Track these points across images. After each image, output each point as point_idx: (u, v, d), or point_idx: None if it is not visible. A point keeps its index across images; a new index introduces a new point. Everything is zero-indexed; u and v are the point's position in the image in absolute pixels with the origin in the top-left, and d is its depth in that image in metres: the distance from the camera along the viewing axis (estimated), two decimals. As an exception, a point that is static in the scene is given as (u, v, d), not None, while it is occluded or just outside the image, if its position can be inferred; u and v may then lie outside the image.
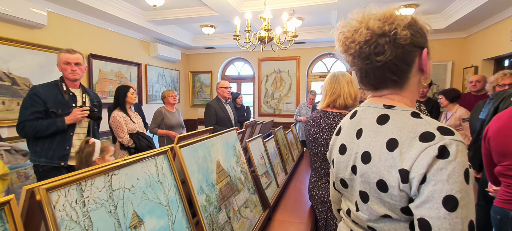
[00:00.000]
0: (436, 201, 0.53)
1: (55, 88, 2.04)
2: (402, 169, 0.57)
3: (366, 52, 0.63)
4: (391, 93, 0.69)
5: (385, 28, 0.62)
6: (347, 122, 0.78)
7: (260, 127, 2.95)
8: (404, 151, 0.58)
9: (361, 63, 0.65)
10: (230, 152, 1.34)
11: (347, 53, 0.68)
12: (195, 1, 3.57)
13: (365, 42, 0.63)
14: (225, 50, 6.10)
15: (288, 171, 2.28)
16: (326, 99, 1.47)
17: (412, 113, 0.63)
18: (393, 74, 0.65)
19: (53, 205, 0.50)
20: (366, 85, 0.71)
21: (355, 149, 0.70)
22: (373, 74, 0.66)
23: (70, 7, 3.38)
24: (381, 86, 0.69)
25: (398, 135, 0.60)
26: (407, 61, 0.64)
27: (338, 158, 0.76)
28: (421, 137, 0.57)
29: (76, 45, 3.56)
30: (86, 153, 1.65)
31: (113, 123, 2.63)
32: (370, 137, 0.66)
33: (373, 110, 0.69)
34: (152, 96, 5.23)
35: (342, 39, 0.68)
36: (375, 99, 0.72)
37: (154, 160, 0.78)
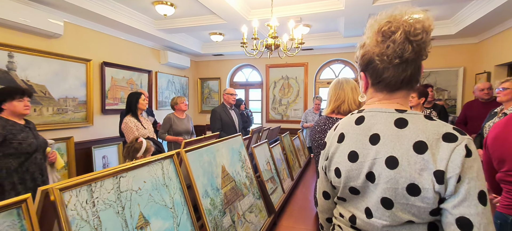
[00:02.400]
0: (473, 198, 0.56)
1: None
2: (437, 170, 0.58)
3: (425, 42, 0.64)
4: (403, 96, 0.70)
5: (430, 27, 0.65)
6: (353, 128, 0.74)
7: (267, 133, 2.97)
8: (434, 153, 0.59)
9: (415, 54, 0.64)
10: (235, 157, 1.36)
11: (406, 40, 0.63)
12: (204, 10, 3.66)
13: (427, 34, 0.64)
14: (233, 57, 6.19)
15: (295, 177, 2.28)
16: (330, 105, 1.48)
17: (425, 115, 0.65)
18: (419, 74, 0.68)
19: (66, 204, 0.54)
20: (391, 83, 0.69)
21: (372, 155, 0.67)
22: (411, 70, 0.66)
23: (85, 18, 3.53)
24: (404, 86, 0.69)
25: (424, 137, 0.61)
26: (422, 67, 0.69)
27: (347, 166, 0.72)
28: (444, 138, 0.59)
29: (90, 54, 3.72)
30: (134, 148, 1.98)
31: (125, 128, 2.71)
32: (392, 141, 0.65)
33: (386, 115, 0.69)
34: (162, 102, 5.34)
35: (407, 23, 0.63)
36: (383, 103, 0.71)
37: (160, 164, 0.81)
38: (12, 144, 1.92)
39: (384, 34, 0.66)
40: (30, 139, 2.01)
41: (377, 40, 0.67)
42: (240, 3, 3.49)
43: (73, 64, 3.53)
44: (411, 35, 0.63)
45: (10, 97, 1.96)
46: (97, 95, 3.94)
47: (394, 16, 0.66)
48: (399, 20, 0.64)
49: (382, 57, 0.66)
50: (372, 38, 0.69)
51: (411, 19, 0.63)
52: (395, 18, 0.65)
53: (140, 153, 1.96)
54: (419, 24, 0.63)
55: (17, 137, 1.94)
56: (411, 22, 0.63)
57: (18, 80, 2.97)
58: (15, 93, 1.98)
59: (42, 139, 2.16)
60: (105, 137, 4.01)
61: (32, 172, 2.03)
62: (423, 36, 0.63)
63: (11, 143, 1.91)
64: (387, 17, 0.67)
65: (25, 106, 2.02)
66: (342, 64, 5.65)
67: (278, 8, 3.53)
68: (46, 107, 3.25)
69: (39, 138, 2.13)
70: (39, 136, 2.14)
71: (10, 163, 1.94)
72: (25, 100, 2.03)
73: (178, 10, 3.73)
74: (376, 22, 0.69)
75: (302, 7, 3.54)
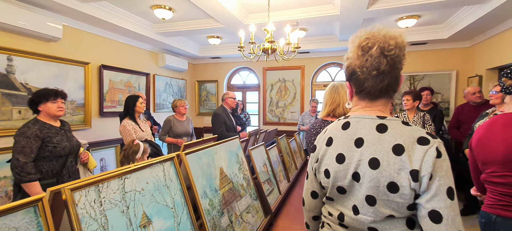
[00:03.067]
0: (443, 193, 0.65)
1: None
2: (413, 170, 0.67)
3: (399, 57, 0.73)
4: (383, 104, 0.79)
5: (403, 43, 0.75)
6: (340, 133, 0.81)
7: (264, 136, 3.02)
8: (410, 155, 0.67)
9: (389, 67, 0.73)
10: (233, 159, 1.41)
11: (381, 55, 0.73)
12: (202, 14, 3.71)
13: (400, 49, 0.73)
14: (230, 60, 6.25)
15: (291, 179, 2.33)
16: (326, 108, 1.54)
17: (402, 122, 0.74)
18: (396, 84, 0.77)
19: (76, 203, 0.58)
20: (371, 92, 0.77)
21: (357, 157, 0.75)
22: (388, 81, 0.75)
23: (84, 21, 3.56)
24: (383, 95, 0.78)
25: (401, 141, 0.69)
26: (400, 78, 0.78)
27: (335, 167, 0.80)
28: (419, 141, 0.68)
29: (88, 57, 3.75)
30: (133, 151, 2.02)
31: (123, 131, 2.74)
32: (374, 144, 0.73)
33: (369, 121, 0.77)
34: (160, 105, 5.37)
35: (381, 40, 0.73)
36: (366, 110, 0.80)
37: (162, 166, 0.86)
38: (47, 148, 1.93)
39: (363, 49, 0.75)
40: (64, 142, 2.03)
41: (358, 53, 0.76)
42: (237, 7, 3.54)
43: (72, 67, 3.56)
44: (386, 50, 0.72)
45: (44, 99, 1.99)
46: (95, 98, 3.96)
47: (372, 33, 0.76)
48: (376, 37, 0.74)
49: (362, 68, 0.76)
50: (354, 52, 0.78)
51: (387, 36, 0.73)
52: (373, 35, 0.75)
53: (139, 155, 2.01)
54: (393, 40, 0.72)
55: (52, 140, 1.95)
56: (385, 39, 0.73)
57: (17, 83, 2.99)
58: (49, 95, 2.01)
59: (76, 142, 2.19)
60: (103, 139, 4.02)
61: (63, 175, 2.04)
62: (396, 51, 0.72)
63: (47, 146, 1.93)
64: (366, 34, 0.77)
65: (58, 107, 2.04)
66: (338, 67, 5.73)
67: (275, 13, 3.60)
68: (44, 110, 3.26)
69: (73, 140, 2.15)
70: (72, 138, 2.16)
71: (42, 166, 1.95)
72: (59, 102, 2.05)
73: (176, 14, 3.78)
74: (357, 38, 0.79)
75: (299, 12, 3.61)
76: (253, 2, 3.44)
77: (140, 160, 2.04)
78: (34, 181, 1.85)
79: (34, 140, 1.87)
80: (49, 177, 1.96)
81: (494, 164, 1.23)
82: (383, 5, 3.26)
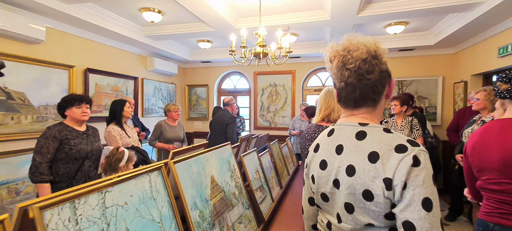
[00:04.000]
0: (417, 204, 0.61)
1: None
2: (386, 178, 0.64)
3: (363, 69, 0.71)
4: (366, 112, 0.78)
5: (377, 52, 0.73)
6: (325, 140, 0.83)
7: (256, 141, 2.97)
8: (385, 162, 0.65)
9: (354, 79, 0.72)
10: (224, 166, 1.35)
11: (343, 68, 0.73)
12: (193, 17, 3.66)
13: (363, 60, 0.71)
14: (221, 64, 6.19)
15: (283, 185, 2.28)
16: (320, 113, 1.51)
17: (384, 129, 0.73)
18: (373, 93, 0.75)
19: (46, 223, 0.51)
20: (347, 102, 0.78)
21: (337, 164, 0.75)
22: (359, 91, 0.73)
23: (68, 23, 3.43)
24: (361, 103, 0.76)
25: (377, 148, 0.68)
26: (383, 84, 0.76)
27: (318, 173, 0.80)
28: (396, 149, 0.66)
29: (73, 60, 3.61)
30: (116, 159, 1.90)
31: (108, 137, 2.62)
32: (352, 151, 0.73)
33: (350, 128, 0.76)
34: (148, 110, 5.24)
35: (341, 54, 0.73)
36: (350, 117, 0.80)
37: (148, 177, 0.79)
38: (64, 149, 1.98)
39: (330, 61, 0.77)
40: (82, 145, 2.07)
41: (327, 65, 0.79)
42: (228, 11, 3.51)
43: (55, 71, 3.41)
44: (347, 63, 0.72)
45: (70, 104, 2.08)
46: (80, 103, 3.81)
47: (337, 46, 0.77)
48: (338, 49, 0.75)
49: (335, 81, 0.78)
50: (326, 64, 0.80)
51: (350, 47, 0.73)
52: (336, 48, 0.76)
53: (123, 163, 1.90)
54: (356, 52, 0.71)
55: (70, 142, 2.00)
56: (346, 52, 0.73)
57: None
58: (74, 100, 2.09)
59: (97, 146, 2.21)
60: (88, 145, 3.87)
61: (78, 179, 2.06)
62: (357, 64, 0.71)
63: (63, 148, 1.98)
64: (331, 47, 0.78)
65: (82, 112, 2.11)
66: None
67: (266, 17, 3.58)
68: (24, 115, 3.10)
69: (94, 145, 2.17)
70: (94, 143, 2.19)
71: (59, 168, 1.98)
72: (83, 107, 2.12)
73: (165, 17, 3.70)
74: (328, 49, 0.80)
75: (290, 17, 3.61)
76: (244, 6, 3.42)
77: (124, 168, 1.93)
78: (45, 182, 1.88)
79: (52, 141, 1.93)
80: (64, 180, 1.99)
81: (490, 171, 1.22)
82: (372, 11, 3.30)
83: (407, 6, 3.15)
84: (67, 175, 2.02)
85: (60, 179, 2.00)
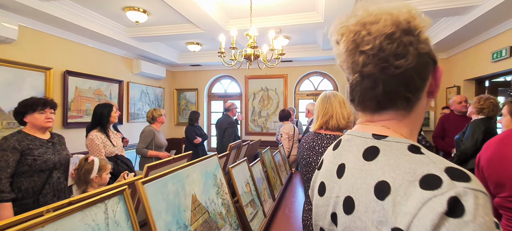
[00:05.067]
0: None
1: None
2: (395, 228, 0.40)
3: (386, 50, 0.46)
4: (392, 117, 0.51)
5: (411, 24, 0.46)
6: (330, 154, 0.62)
7: (247, 148, 2.79)
8: (399, 201, 0.41)
9: (374, 67, 0.47)
10: (209, 182, 1.17)
11: (356, 51, 0.48)
12: (180, 18, 3.48)
13: (388, 37, 0.46)
14: (211, 67, 6.01)
15: (276, 197, 2.11)
16: (318, 120, 1.38)
17: (410, 146, 0.46)
18: (407, 89, 0.48)
19: None
20: (365, 103, 0.52)
21: (336, 191, 0.54)
22: (382, 86, 0.47)
23: (45, 22, 3.19)
24: (386, 106, 0.51)
25: (390, 176, 0.44)
26: (423, 75, 0.49)
27: (316, 200, 0.61)
28: (422, 182, 0.40)
29: (50, 61, 3.36)
30: (85, 170, 1.69)
31: (90, 145, 2.39)
32: (354, 176, 0.50)
33: (360, 140, 0.53)
34: (134, 115, 4.99)
35: (353, 30, 0.49)
36: (366, 125, 0.55)
37: (103, 206, 0.61)
38: (26, 161, 1.76)
39: (337, 43, 0.53)
40: (48, 155, 1.83)
41: (335, 50, 0.54)
42: (218, 12, 3.35)
43: (29, 73, 3.15)
44: (360, 44, 0.47)
45: (31, 109, 1.83)
46: (58, 107, 3.54)
47: (347, 19, 0.51)
48: (347, 25, 0.50)
49: (344, 71, 0.53)
50: (334, 49, 0.55)
51: (365, 19, 0.48)
52: (346, 23, 0.51)
53: (94, 174, 1.70)
54: (375, 26, 0.46)
55: (33, 153, 1.78)
56: (358, 26, 0.48)
57: (-42, 90, 2.57)
58: (36, 105, 1.85)
59: (65, 155, 1.97)
60: (66, 153, 3.60)
61: (45, 193, 1.82)
62: (376, 43, 0.46)
63: (26, 160, 1.76)
64: (339, 21, 0.53)
65: (46, 118, 1.88)
66: (321, 76, 5.68)
67: (257, 19, 3.45)
68: (-7, 121, 2.83)
69: (61, 154, 1.93)
70: (61, 152, 1.94)
71: (21, 183, 1.74)
72: (47, 112, 1.89)
73: (151, 18, 3.51)
74: (333, 28, 0.55)
75: (282, 18, 3.49)
76: (234, 7, 3.27)
77: (97, 179, 1.73)
78: (6, 201, 1.66)
79: (11, 153, 1.71)
80: (28, 196, 1.78)
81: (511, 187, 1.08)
82: (367, 13, 3.21)
83: (402, 8, 3.08)
84: (32, 190, 1.79)
85: (24, 195, 1.76)
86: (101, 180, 1.77)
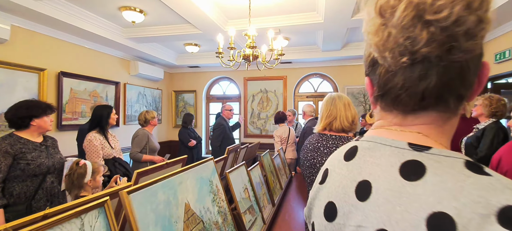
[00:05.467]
0: None
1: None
2: None
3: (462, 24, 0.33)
4: (432, 122, 0.40)
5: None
6: (341, 166, 0.47)
7: (245, 151, 2.72)
8: None
9: (438, 48, 0.34)
10: (204, 189, 1.10)
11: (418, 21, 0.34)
12: (178, 18, 3.41)
13: (467, 5, 0.32)
14: (210, 69, 5.94)
15: (276, 202, 2.03)
16: (322, 121, 1.35)
17: (467, 162, 0.35)
18: (462, 84, 0.37)
19: None
20: (400, 100, 0.40)
21: (358, 219, 0.40)
22: (437, 76, 0.35)
23: (39, 22, 3.12)
24: (428, 105, 0.39)
25: (452, 206, 0.31)
26: (476, 69, 0.38)
27: (321, 226, 0.47)
28: (501, 217, 0.29)
29: (44, 62, 3.28)
30: (78, 174, 1.62)
31: (89, 147, 2.34)
32: (390, 202, 0.36)
33: (390, 150, 0.40)
34: (131, 117, 4.90)
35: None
36: (393, 131, 0.42)
37: (78, 221, 0.53)
38: (19, 165, 1.69)
39: (382, 13, 0.37)
40: (41, 158, 1.77)
41: (376, 23, 0.38)
42: (216, 12, 3.29)
43: (22, 74, 3.07)
44: (427, 11, 0.33)
45: (44, 113, 1.82)
46: (52, 109, 3.46)
47: None
48: None
49: (383, 54, 0.38)
50: (372, 22, 0.39)
51: None
52: None
53: (88, 177, 1.63)
54: None
55: (26, 157, 1.72)
56: None
57: None
58: (49, 109, 1.85)
59: (59, 158, 1.91)
60: (60, 156, 3.51)
61: (38, 199, 1.76)
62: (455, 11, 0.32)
63: (18, 164, 1.70)
64: None
65: (51, 121, 1.90)
66: (321, 78, 5.62)
67: (256, 19, 3.38)
68: (-17, 123, 2.75)
69: (55, 157, 1.88)
70: (55, 155, 1.89)
71: (13, 188, 1.68)
72: (51, 116, 1.90)
73: (148, 18, 3.44)
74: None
75: (281, 19, 3.42)
76: (233, 7, 3.20)
77: (91, 183, 1.66)
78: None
79: (4, 157, 1.65)
80: (21, 201, 1.72)
81: None
82: (367, 14, 3.15)
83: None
84: (24, 196, 1.72)
85: (16, 201, 1.70)
86: (96, 183, 1.71)
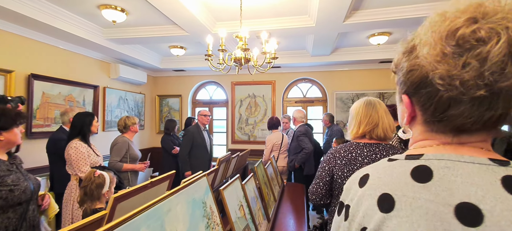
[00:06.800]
0: None
1: None
2: None
3: None
4: (486, 138, 0.43)
5: None
6: (413, 189, 0.40)
7: (236, 160, 2.56)
8: None
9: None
10: (197, 213, 0.93)
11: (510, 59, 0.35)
12: (163, 19, 3.22)
13: None
14: (196, 73, 5.74)
15: (271, 216, 1.89)
16: (361, 127, 1.20)
17: None
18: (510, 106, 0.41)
19: None
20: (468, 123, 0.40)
21: None
22: (502, 109, 0.38)
23: (4, 19, 2.81)
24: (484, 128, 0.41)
25: None
26: None
27: None
28: None
29: (11, 64, 2.97)
30: (97, 185, 1.47)
31: (75, 155, 2.16)
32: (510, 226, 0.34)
33: (479, 168, 0.39)
34: (111, 123, 4.59)
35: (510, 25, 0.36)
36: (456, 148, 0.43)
37: None
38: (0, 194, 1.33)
39: (460, 43, 0.37)
40: (22, 182, 1.41)
41: (444, 51, 0.38)
42: (204, 13, 3.13)
43: (-15, 76, 2.75)
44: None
45: (13, 123, 1.43)
46: (21, 115, 3.13)
47: (484, 6, 0.37)
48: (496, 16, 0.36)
49: (452, 82, 0.38)
50: (434, 46, 0.39)
51: None
52: (487, 11, 0.37)
53: (106, 188, 1.53)
54: None
55: (6, 182, 1.35)
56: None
57: None
58: (21, 118, 1.47)
59: (34, 179, 1.55)
60: (30, 167, 3.17)
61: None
62: None
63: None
64: (467, 7, 0.38)
65: (21, 132, 1.53)
66: (310, 83, 5.57)
67: (246, 21, 3.25)
68: None
69: (32, 178, 1.52)
70: (28, 176, 1.52)
71: None
72: (21, 127, 1.52)
73: (131, 18, 3.22)
74: (446, 18, 0.39)
75: (272, 22, 3.32)
76: (222, 8, 3.06)
77: (108, 194, 1.52)
78: None
79: None
80: None
81: None
82: (359, 18, 3.11)
83: (396, 14, 3.01)
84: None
85: None
86: (110, 193, 1.56)
